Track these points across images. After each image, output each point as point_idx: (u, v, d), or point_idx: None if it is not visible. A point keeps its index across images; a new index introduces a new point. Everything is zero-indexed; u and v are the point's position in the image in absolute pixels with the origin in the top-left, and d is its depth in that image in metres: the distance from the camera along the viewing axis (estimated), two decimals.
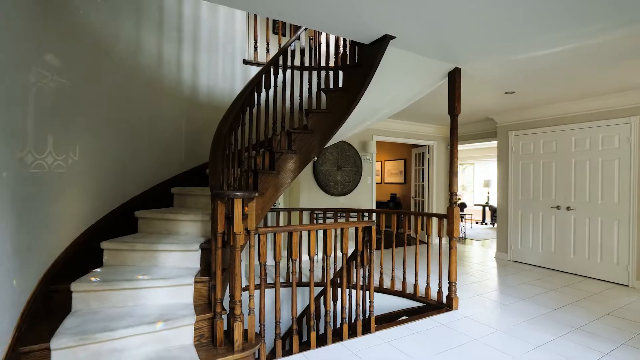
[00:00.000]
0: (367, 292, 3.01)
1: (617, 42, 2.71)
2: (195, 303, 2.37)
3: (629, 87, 3.83)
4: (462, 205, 9.50)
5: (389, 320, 3.65)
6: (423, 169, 7.24)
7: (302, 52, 3.24)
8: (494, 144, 7.37)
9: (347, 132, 4.11)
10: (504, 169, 5.48)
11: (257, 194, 2.28)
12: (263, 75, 3.05)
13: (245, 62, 4.19)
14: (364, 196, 6.17)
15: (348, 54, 3.18)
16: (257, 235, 2.47)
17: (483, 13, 2.30)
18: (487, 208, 10.01)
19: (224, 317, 2.26)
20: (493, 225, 9.98)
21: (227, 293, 2.63)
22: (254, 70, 4.22)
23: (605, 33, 2.54)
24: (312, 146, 3.16)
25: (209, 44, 3.96)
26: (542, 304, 3.48)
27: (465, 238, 7.86)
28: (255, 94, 3.01)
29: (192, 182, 3.71)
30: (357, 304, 2.89)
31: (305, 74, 4.03)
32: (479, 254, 5.99)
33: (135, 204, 3.20)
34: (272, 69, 3.09)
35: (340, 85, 3.28)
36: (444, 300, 3.47)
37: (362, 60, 2.96)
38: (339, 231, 5.01)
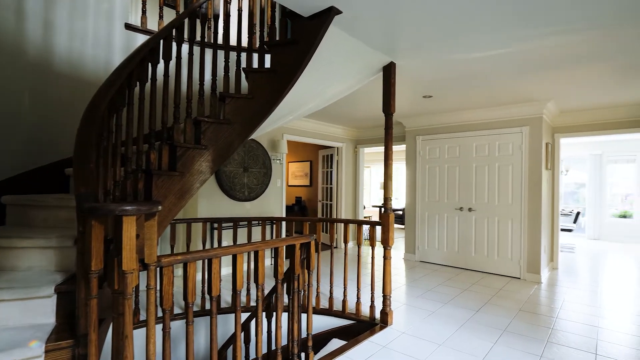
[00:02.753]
0: (304, 322, 2.46)
1: (543, 51, 2.81)
2: None
3: (526, 99, 4.25)
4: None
5: (315, 344, 3.16)
6: (331, 172, 7.05)
7: (217, 18, 2.50)
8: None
9: (267, 126, 3.48)
10: (411, 172, 5.63)
11: (160, 207, 1.50)
12: (162, 41, 2.21)
13: (129, 27, 3.17)
14: (274, 201, 5.58)
15: (278, 28, 2.58)
16: (158, 269, 1.68)
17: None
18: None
19: None
20: None
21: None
22: (141, 39, 3.22)
23: (541, 38, 2.57)
24: (230, 140, 2.45)
25: None
26: (464, 306, 3.51)
27: (367, 239, 8.00)
28: (150, 65, 2.16)
29: (39, 188, 2.55)
30: (291, 339, 2.30)
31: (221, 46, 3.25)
32: (381, 254, 6.03)
33: None
34: (174, 34, 2.28)
35: (267, 65, 2.65)
36: (377, 316, 3.17)
37: (298, 37, 2.40)
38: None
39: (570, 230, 6.02)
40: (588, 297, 3.83)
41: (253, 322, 2.84)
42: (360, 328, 3.15)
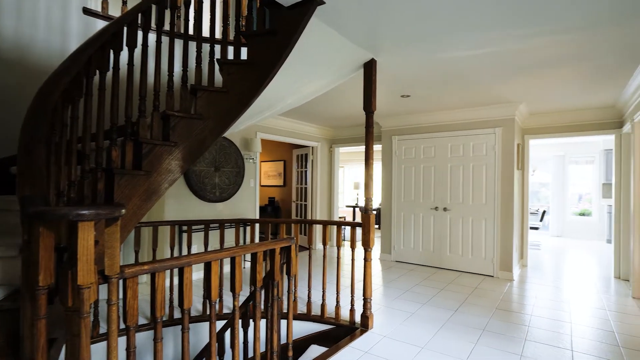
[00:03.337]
0: (286, 333, 2.32)
1: (522, 52, 2.83)
2: None
3: (500, 101, 4.33)
4: None
5: (293, 351, 3.02)
6: (305, 171, 6.92)
7: (188, 4, 2.30)
8: (362, 148, 7.64)
9: (241, 123, 3.31)
10: (387, 172, 5.62)
11: (123, 211, 1.31)
12: (125, 27, 2.00)
13: (88, 11, 2.88)
14: (247, 201, 5.37)
15: (255, 18, 2.42)
16: (122, 281, 1.48)
17: None
18: (357, 209, 10.56)
19: None
20: None
21: None
22: (101, 26, 2.94)
23: (526, 38, 2.57)
24: (202, 137, 2.27)
25: None
26: (442, 306, 3.50)
27: (344, 241, 7.95)
28: (112, 52, 1.95)
29: None
30: (270, 349, 2.15)
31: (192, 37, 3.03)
32: (360, 256, 5.99)
33: None
34: (140, 19, 2.07)
35: (244, 57, 2.48)
36: (357, 319, 3.08)
37: (277, 28, 2.26)
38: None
39: (537, 229, 6.30)
40: (557, 293, 3.95)
41: (227, 333, 2.66)
42: (340, 333, 3.05)
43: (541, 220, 6.71)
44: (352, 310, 3.06)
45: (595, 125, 4.65)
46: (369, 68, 2.97)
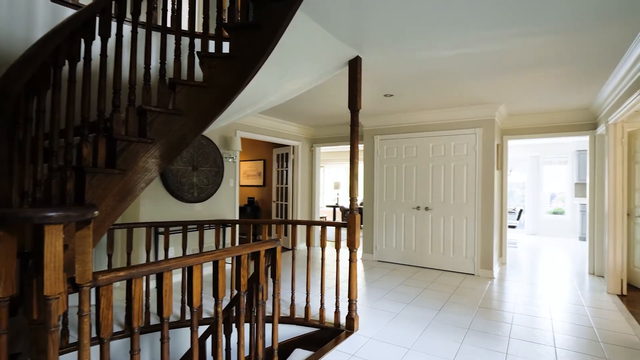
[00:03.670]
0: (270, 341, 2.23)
1: (507, 53, 2.86)
2: None
3: (480, 102, 4.40)
4: None
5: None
6: (286, 171, 6.83)
7: None
8: (342, 148, 7.64)
9: (222, 120, 3.19)
10: (369, 172, 5.61)
11: (96, 212, 1.20)
12: (98, 14, 1.87)
13: None
14: (226, 202, 5.22)
15: (238, 10, 2.32)
16: (95, 289, 1.35)
17: None
18: (337, 209, 10.54)
19: None
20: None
21: None
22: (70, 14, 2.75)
23: (515, 39, 2.59)
24: (182, 134, 2.15)
25: None
26: (426, 305, 3.51)
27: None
28: (83, 41, 1.82)
29: None
30: (255, 356, 2.06)
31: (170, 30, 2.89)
32: (342, 257, 5.95)
33: None
34: (113, 7, 1.95)
35: (226, 50, 2.37)
36: (343, 321, 3.03)
37: (261, 21, 2.17)
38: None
39: (514, 227, 6.47)
40: (537, 290, 4.05)
41: (208, 340, 2.55)
42: (325, 335, 2.99)
43: (518, 218, 6.91)
44: (337, 312, 3.01)
45: (570, 126, 4.81)
46: (354, 66, 2.92)
